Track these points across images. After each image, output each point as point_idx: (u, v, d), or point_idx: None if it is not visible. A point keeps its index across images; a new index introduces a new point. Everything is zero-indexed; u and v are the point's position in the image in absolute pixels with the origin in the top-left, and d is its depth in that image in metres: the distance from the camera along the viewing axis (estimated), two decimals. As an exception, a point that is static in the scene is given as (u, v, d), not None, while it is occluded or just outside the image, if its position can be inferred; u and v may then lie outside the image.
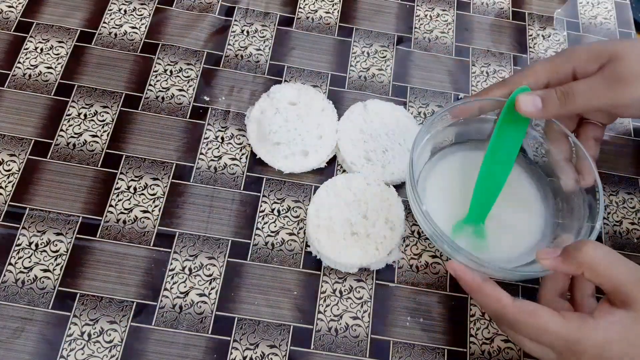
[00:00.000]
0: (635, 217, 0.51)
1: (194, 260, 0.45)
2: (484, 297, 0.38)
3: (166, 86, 0.52)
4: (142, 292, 0.43)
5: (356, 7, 0.59)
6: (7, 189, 0.46)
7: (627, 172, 0.53)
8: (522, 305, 0.36)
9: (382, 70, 0.56)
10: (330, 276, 0.45)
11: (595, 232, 0.40)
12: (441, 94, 0.55)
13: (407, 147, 0.49)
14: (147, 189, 0.47)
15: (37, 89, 0.51)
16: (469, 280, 0.38)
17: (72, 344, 0.41)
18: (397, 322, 0.44)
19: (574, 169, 0.45)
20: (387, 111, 0.51)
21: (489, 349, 0.44)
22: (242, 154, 0.50)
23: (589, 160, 0.43)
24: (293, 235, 0.47)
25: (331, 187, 0.46)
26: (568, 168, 0.45)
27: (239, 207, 0.47)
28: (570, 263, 0.35)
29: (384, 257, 0.44)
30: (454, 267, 0.39)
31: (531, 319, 0.35)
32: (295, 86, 0.52)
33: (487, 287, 0.37)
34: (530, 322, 0.35)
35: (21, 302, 0.42)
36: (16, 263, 0.44)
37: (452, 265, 0.40)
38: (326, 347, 0.43)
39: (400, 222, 0.45)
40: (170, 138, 0.50)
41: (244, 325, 0.43)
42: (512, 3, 0.62)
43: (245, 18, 0.57)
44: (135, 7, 0.56)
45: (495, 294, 0.37)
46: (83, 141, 0.49)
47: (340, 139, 0.49)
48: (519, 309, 0.36)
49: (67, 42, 0.54)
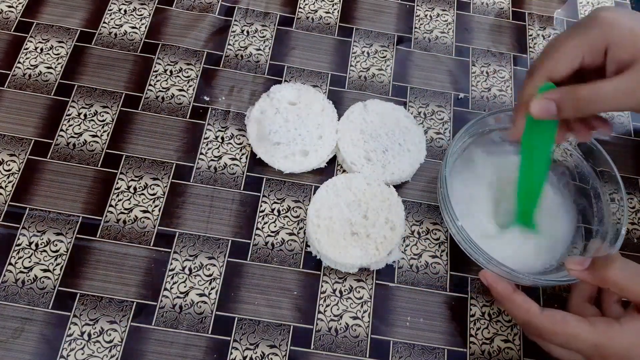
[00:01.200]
0: (635, 217, 0.51)
1: (194, 260, 0.45)
2: (514, 307, 0.39)
3: (166, 86, 0.52)
4: (142, 292, 0.43)
5: (356, 7, 0.59)
6: (7, 189, 0.46)
7: (627, 172, 0.53)
8: (551, 314, 0.37)
9: (382, 70, 0.56)
10: (330, 276, 0.45)
11: (621, 237, 0.42)
12: (441, 94, 0.55)
13: (407, 147, 0.49)
14: (147, 189, 0.47)
15: (37, 89, 0.51)
16: (500, 290, 0.40)
17: (72, 344, 0.41)
18: (397, 322, 0.44)
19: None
20: (387, 111, 0.51)
21: (489, 349, 0.44)
22: (242, 154, 0.50)
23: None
24: (293, 235, 0.47)
25: (331, 187, 0.46)
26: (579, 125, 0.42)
27: (239, 207, 0.47)
28: (596, 277, 0.37)
29: (384, 257, 0.44)
30: (487, 276, 0.41)
31: (560, 327, 0.36)
32: (295, 86, 0.52)
33: (517, 297, 0.39)
34: (560, 330, 0.36)
35: (21, 302, 0.42)
36: (16, 263, 0.44)
37: (485, 275, 0.42)
38: (326, 347, 0.43)
39: (400, 222, 0.45)
40: (170, 138, 0.50)
41: (244, 325, 0.43)
42: (512, 3, 0.62)
43: (245, 18, 0.57)
44: (135, 7, 0.56)
45: (525, 305, 0.39)
46: (83, 141, 0.49)
47: (340, 139, 0.49)
48: (547, 318, 0.37)
49: (67, 42, 0.54)
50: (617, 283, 0.36)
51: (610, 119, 0.55)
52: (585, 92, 0.36)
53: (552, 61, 0.38)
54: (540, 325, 0.37)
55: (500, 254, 0.42)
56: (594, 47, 0.37)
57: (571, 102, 0.36)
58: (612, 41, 0.36)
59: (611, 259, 0.37)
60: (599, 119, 0.40)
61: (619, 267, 0.36)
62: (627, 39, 0.36)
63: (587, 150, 0.48)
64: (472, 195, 0.48)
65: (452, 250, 0.47)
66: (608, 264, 0.36)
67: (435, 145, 0.52)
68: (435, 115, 0.54)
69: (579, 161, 0.49)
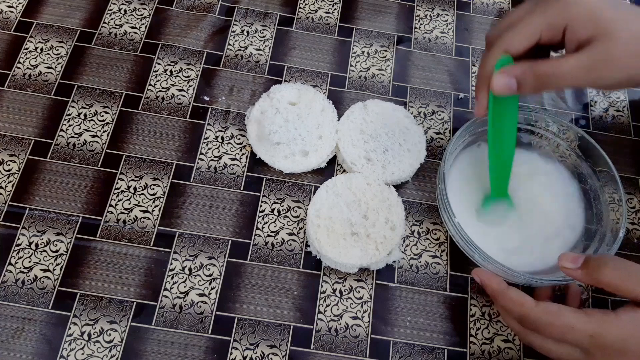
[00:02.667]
0: (636, 217, 0.51)
1: (194, 260, 0.45)
2: (509, 302, 0.39)
3: (166, 86, 0.52)
4: (142, 292, 0.43)
5: (356, 7, 0.59)
6: (7, 189, 0.46)
7: (626, 172, 0.53)
8: (546, 306, 0.37)
9: (382, 70, 0.56)
10: (330, 276, 0.45)
11: (620, 237, 0.42)
12: (441, 94, 0.55)
13: (407, 147, 0.49)
14: (147, 189, 0.47)
15: (37, 89, 0.51)
16: (494, 286, 0.40)
17: (72, 344, 0.41)
18: (397, 322, 0.44)
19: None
20: (387, 111, 0.51)
21: (489, 349, 0.44)
22: (242, 154, 0.50)
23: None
24: (293, 235, 0.47)
25: (331, 187, 0.46)
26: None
27: (239, 207, 0.47)
28: (590, 278, 0.37)
29: (384, 257, 0.44)
30: (480, 273, 0.42)
31: (556, 319, 0.36)
32: (295, 86, 0.52)
33: (511, 292, 0.39)
34: (555, 322, 0.36)
35: (21, 302, 0.42)
36: (16, 263, 0.44)
37: (478, 272, 0.42)
38: (326, 347, 0.43)
39: (400, 222, 0.45)
40: (170, 138, 0.50)
41: (244, 325, 0.43)
42: (511, 3, 0.62)
43: (245, 18, 0.57)
44: (135, 7, 0.56)
45: (519, 299, 0.38)
46: (83, 141, 0.49)
47: (341, 139, 0.49)
48: (542, 310, 0.37)
49: (67, 42, 0.54)
50: (610, 284, 0.36)
51: (611, 119, 0.55)
52: (545, 68, 0.37)
53: (510, 35, 0.38)
54: (535, 318, 0.37)
55: (500, 254, 0.42)
56: (553, 24, 0.37)
57: (531, 79, 0.37)
58: (571, 19, 0.37)
59: (604, 260, 0.37)
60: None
61: (612, 267, 0.36)
62: (585, 17, 0.36)
63: (587, 150, 0.48)
64: (472, 195, 0.48)
65: (452, 250, 0.47)
66: (601, 266, 0.36)
67: (435, 145, 0.52)
68: (435, 115, 0.54)
69: (578, 161, 0.49)
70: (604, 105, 0.56)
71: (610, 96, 0.57)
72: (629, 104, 0.56)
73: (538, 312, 0.37)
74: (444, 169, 0.44)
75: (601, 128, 0.55)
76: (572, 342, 0.36)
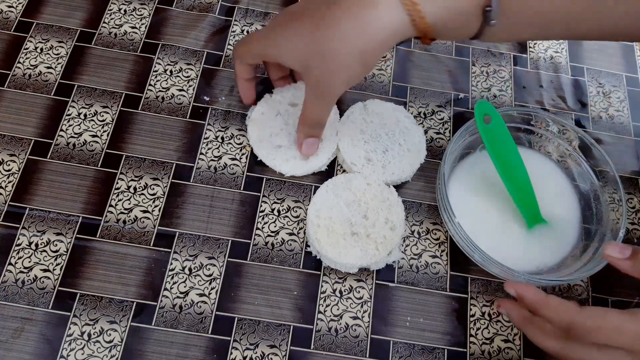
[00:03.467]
0: (636, 217, 0.51)
1: (194, 260, 0.45)
2: (553, 311, 0.36)
3: (166, 86, 0.52)
4: (142, 292, 0.43)
5: (356, 7, 0.59)
6: (7, 189, 0.46)
7: (626, 172, 0.53)
8: (592, 311, 0.35)
9: (382, 70, 0.56)
10: (330, 276, 0.45)
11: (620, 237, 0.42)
12: (441, 94, 0.55)
13: (407, 147, 0.49)
14: (147, 189, 0.47)
15: (37, 89, 0.51)
16: (533, 297, 0.37)
17: (72, 344, 0.41)
18: (397, 322, 0.44)
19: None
20: (387, 111, 0.51)
21: (489, 349, 0.44)
22: (242, 154, 0.50)
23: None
24: (293, 235, 0.47)
25: (331, 187, 0.46)
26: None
27: (239, 207, 0.47)
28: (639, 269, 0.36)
29: (384, 257, 0.44)
30: (515, 285, 0.38)
31: (603, 322, 0.34)
32: (296, 87, 0.52)
33: (553, 300, 0.37)
34: (603, 325, 0.34)
35: (21, 302, 0.42)
36: (16, 263, 0.44)
37: (512, 285, 0.39)
38: (326, 347, 0.43)
39: (400, 222, 0.45)
40: (170, 138, 0.50)
41: (244, 325, 0.43)
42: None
43: (245, 18, 0.57)
44: (135, 7, 0.56)
45: (563, 307, 0.36)
46: (83, 141, 0.49)
47: (341, 140, 0.49)
48: (588, 315, 0.35)
49: (67, 42, 0.54)
50: None
51: (611, 119, 0.55)
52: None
53: (270, 50, 0.43)
54: (582, 324, 0.35)
55: (499, 253, 0.42)
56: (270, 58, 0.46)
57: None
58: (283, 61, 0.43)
59: None
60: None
61: None
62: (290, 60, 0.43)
63: (587, 150, 0.48)
64: (472, 194, 0.48)
65: (452, 250, 0.47)
66: None
67: (435, 145, 0.52)
68: (435, 115, 0.54)
69: (578, 161, 0.49)
70: (604, 105, 0.56)
71: (611, 96, 0.57)
72: (629, 104, 0.56)
73: (584, 317, 0.35)
74: (444, 169, 0.44)
75: (601, 128, 0.55)
76: (619, 345, 0.35)
